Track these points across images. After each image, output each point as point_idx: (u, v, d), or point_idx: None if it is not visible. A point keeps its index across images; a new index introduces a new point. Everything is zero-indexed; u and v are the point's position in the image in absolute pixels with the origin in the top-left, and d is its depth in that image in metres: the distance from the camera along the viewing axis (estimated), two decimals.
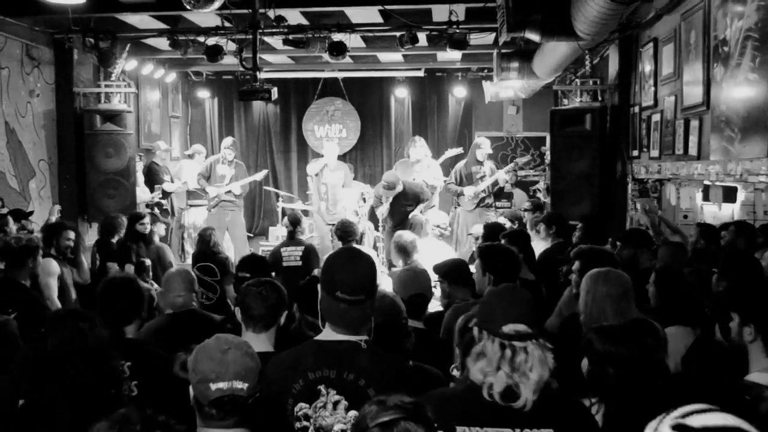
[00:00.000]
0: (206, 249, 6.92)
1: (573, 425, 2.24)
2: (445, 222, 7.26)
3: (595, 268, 3.61)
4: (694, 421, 1.34)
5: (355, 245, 6.58)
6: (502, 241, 5.26)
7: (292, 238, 7.19)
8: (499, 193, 9.78)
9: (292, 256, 7.03)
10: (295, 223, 7.27)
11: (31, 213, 6.94)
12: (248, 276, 4.16)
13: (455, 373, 2.94)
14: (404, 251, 6.04)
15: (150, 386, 3.09)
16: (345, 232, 6.76)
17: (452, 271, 4.44)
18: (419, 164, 9.92)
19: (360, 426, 1.75)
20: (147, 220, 7.31)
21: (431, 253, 6.49)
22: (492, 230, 6.23)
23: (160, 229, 7.51)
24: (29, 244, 5.03)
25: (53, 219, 7.46)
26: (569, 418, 2.24)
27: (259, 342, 3.02)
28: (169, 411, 2.90)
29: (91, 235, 8.64)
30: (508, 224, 7.43)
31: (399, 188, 8.89)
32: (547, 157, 10.78)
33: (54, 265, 5.71)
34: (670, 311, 3.70)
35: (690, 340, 3.58)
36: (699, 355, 3.00)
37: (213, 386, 2.08)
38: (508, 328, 2.18)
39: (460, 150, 10.33)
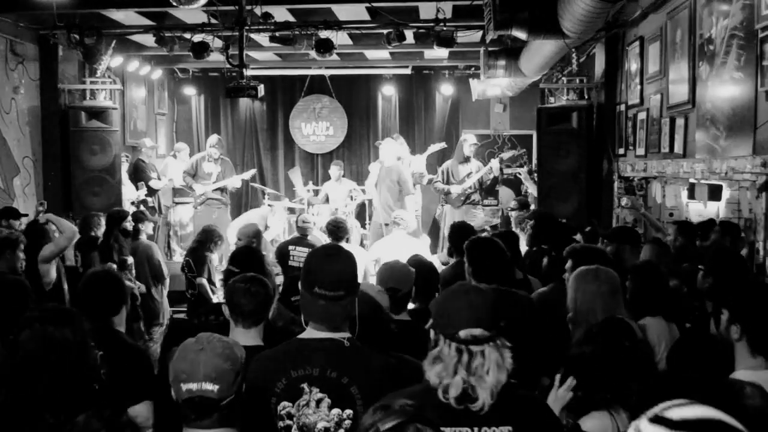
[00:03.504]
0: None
1: (532, 422, 2.22)
2: (400, 214, 7.27)
3: (584, 266, 3.63)
4: (673, 413, 1.34)
5: (343, 243, 6.61)
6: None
7: (304, 239, 7.15)
8: (489, 190, 9.81)
9: (302, 257, 6.96)
10: (311, 222, 7.32)
11: (24, 215, 6.90)
12: (237, 271, 4.11)
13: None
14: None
15: (119, 376, 3.11)
16: (336, 228, 6.79)
17: None
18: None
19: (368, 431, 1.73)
20: (130, 217, 7.29)
21: (391, 246, 6.61)
22: (459, 230, 6.09)
23: (147, 228, 7.45)
24: (9, 237, 5.01)
25: (40, 218, 7.42)
26: (528, 415, 2.22)
27: (249, 337, 3.02)
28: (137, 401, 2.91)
29: None
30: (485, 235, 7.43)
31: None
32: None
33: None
34: (645, 304, 3.74)
35: (664, 330, 3.63)
36: (685, 351, 3.02)
37: (184, 387, 2.07)
38: (465, 333, 2.14)
39: (443, 144, 10.34)
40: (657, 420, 1.33)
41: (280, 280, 4.88)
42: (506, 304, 3.20)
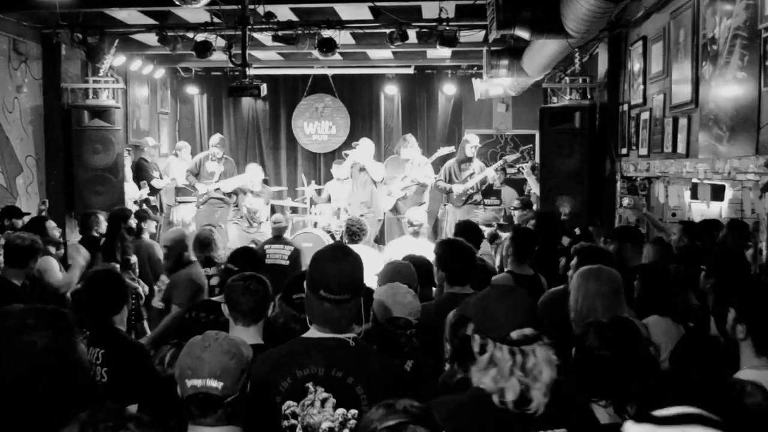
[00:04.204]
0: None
1: (583, 424, 2.25)
2: (419, 219, 7.20)
3: (586, 266, 3.63)
4: (658, 412, 1.37)
5: (360, 245, 6.62)
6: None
7: (278, 238, 7.19)
8: (488, 191, 9.82)
9: (279, 254, 7.03)
10: (283, 221, 7.33)
11: (27, 214, 6.91)
12: (236, 269, 4.16)
13: (448, 367, 2.96)
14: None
15: (120, 374, 3.18)
16: (355, 228, 6.79)
17: None
18: (410, 163, 9.94)
19: (367, 428, 1.73)
20: (133, 216, 7.30)
21: (406, 250, 6.52)
22: (463, 229, 6.14)
23: (150, 227, 7.45)
24: (34, 245, 4.96)
25: (44, 213, 7.46)
26: (579, 418, 2.25)
27: (249, 335, 3.03)
28: (138, 399, 2.91)
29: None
30: (487, 230, 7.41)
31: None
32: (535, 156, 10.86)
33: (53, 262, 5.68)
34: (654, 304, 3.75)
35: (671, 330, 3.64)
36: (688, 351, 3.02)
37: (188, 383, 2.08)
38: (516, 334, 2.15)
39: (451, 149, 10.34)
40: (641, 417, 1.36)
41: None
42: None
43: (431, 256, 6.07)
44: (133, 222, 7.09)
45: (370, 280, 4.36)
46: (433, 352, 3.32)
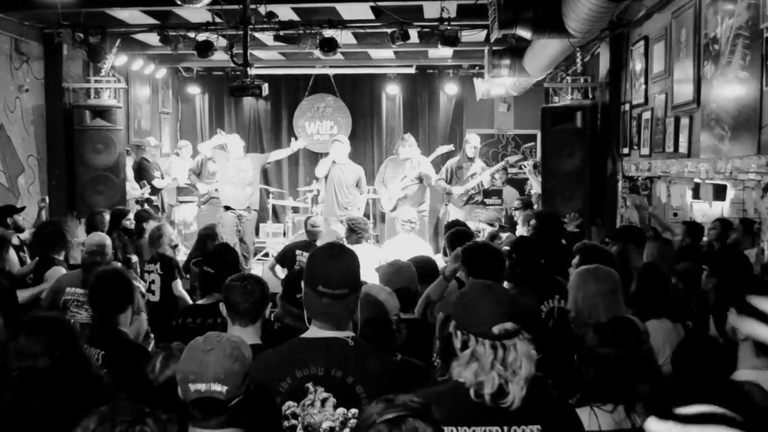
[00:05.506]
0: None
1: (560, 422, 2.23)
2: (414, 217, 7.19)
3: (584, 266, 3.63)
4: (680, 410, 1.36)
5: (362, 245, 6.59)
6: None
7: (312, 244, 7.08)
8: (488, 191, 9.81)
9: None
10: (319, 226, 7.28)
11: (22, 209, 6.90)
12: (212, 272, 4.08)
13: (437, 363, 2.96)
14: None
15: (118, 377, 3.13)
16: (355, 229, 6.75)
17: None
18: (409, 162, 9.93)
19: (366, 422, 1.74)
20: (132, 216, 7.28)
21: (402, 248, 6.53)
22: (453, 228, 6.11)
23: (151, 227, 7.44)
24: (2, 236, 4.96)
25: (43, 214, 7.44)
26: (556, 415, 2.24)
27: (247, 335, 3.02)
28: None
29: (80, 232, 8.60)
30: (488, 228, 7.39)
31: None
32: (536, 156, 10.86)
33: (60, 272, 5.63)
34: (651, 305, 3.75)
35: (671, 332, 3.63)
36: (690, 353, 3.01)
37: (192, 387, 2.06)
38: (498, 329, 2.16)
39: (451, 147, 10.34)
40: (665, 415, 1.35)
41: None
42: None
43: (427, 253, 6.08)
44: (129, 221, 7.09)
45: (372, 277, 4.36)
46: None
